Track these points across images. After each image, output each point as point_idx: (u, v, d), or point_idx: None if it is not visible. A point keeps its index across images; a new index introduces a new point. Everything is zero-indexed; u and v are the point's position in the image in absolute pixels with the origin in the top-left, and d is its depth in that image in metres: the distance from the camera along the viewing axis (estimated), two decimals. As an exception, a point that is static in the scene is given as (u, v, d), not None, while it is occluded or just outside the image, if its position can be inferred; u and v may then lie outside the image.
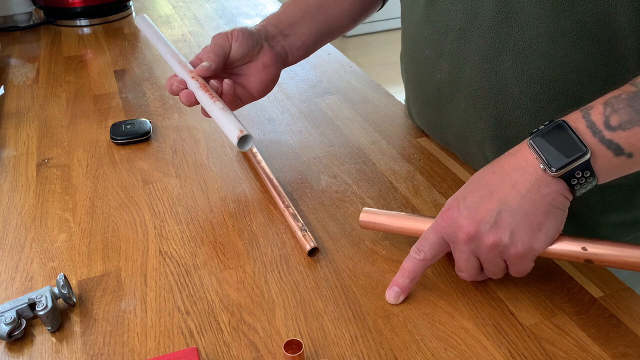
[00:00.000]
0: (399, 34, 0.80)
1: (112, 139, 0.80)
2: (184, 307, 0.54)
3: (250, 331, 0.52)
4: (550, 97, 0.59)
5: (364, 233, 0.63)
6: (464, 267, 0.52)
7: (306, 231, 0.61)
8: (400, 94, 0.91)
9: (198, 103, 0.66)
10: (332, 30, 0.76)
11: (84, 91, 0.96)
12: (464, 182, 0.71)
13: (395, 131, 0.82)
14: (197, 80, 0.66)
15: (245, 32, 0.68)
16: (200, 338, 0.51)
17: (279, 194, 0.67)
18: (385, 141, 0.80)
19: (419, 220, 0.57)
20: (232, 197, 0.69)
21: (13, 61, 1.10)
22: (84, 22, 1.27)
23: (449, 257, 0.59)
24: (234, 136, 0.60)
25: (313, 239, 0.60)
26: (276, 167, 0.74)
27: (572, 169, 0.47)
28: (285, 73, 1.00)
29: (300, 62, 0.76)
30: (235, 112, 0.69)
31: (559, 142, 0.47)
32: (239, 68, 0.70)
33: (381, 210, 0.60)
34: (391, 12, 0.80)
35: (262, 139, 0.80)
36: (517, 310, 0.53)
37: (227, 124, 0.62)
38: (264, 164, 0.73)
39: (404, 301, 0.54)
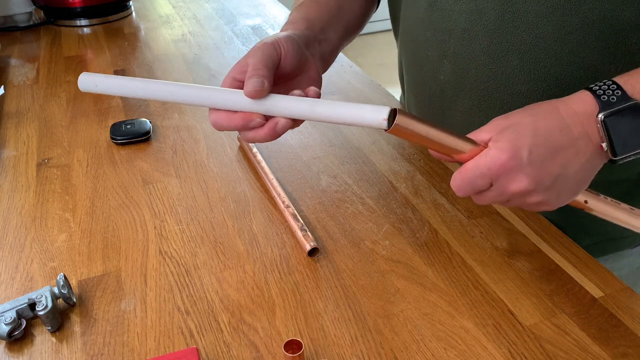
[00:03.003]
0: (398, 35, 0.80)
1: (112, 139, 0.80)
2: (184, 307, 0.54)
3: (250, 331, 0.52)
4: (557, 95, 0.59)
5: (364, 233, 0.63)
6: (489, 202, 0.50)
7: (306, 231, 0.61)
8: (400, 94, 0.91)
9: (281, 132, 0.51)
10: (349, 34, 0.71)
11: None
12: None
13: (395, 131, 0.82)
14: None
15: (293, 41, 0.55)
16: (200, 338, 0.51)
17: (279, 194, 0.67)
18: (385, 141, 0.80)
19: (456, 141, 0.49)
20: (232, 197, 0.69)
21: (13, 61, 1.10)
22: (84, 22, 1.27)
23: (448, 256, 0.59)
24: (380, 118, 0.48)
25: (313, 239, 0.60)
26: (276, 167, 0.74)
27: (630, 156, 0.47)
28: (285, 73, 1.00)
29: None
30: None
31: (630, 128, 0.46)
32: (285, 84, 0.57)
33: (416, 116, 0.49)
34: (391, 12, 0.80)
35: (262, 139, 0.80)
36: (517, 310, 0.53)
37: (364, 110, 0.49)
38: (264, 164, 0.73)
39: (404, 301, 0.54)
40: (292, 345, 0.48)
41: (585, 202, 0.52)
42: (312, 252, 0.60)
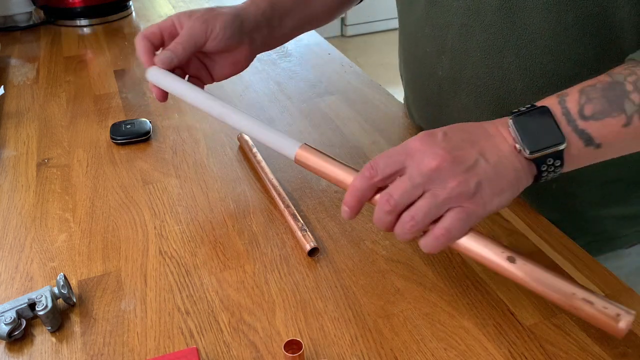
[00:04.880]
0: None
1: (112, 139, 0.80)
2: (184, 307, 0.54)
3: (250, 331, 0.52)
4: (552, 91, 0.59)
5: (364, 233, 0.63)
6: (396, 199, 0.46)
7: (306, 231, 0.61)
8: (400, 94, 0.91)
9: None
10: (310, 24, 0.74)
11: (84, 91, 0.96)
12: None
13: (395, 131, 0.82)
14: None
15: (229, 28, 0.62)
16: (200, 338, 0.51)
17: (279, 194, 0.67)
18: (385, 141, 0.80)
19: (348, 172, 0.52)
20: (232, 197, 0.69)
21: (13, 61, 1.10)
22: (84, 22, 1.27)
23: (447, 256, 0.59)
24: (296, 148, 0.55)
25: (313, 239, 0.60)
26: (276, 167, 0.74)
27: (545, 155, 0.46)
28: (285, 73, 1.00)
29: (301, 62, 0.76)
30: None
31: (539, 127, 0.47)
32: (205, 57, 0.66)
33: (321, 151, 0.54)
34: (391, 12, 0.80)
35: (262, 139, 0.80)
36: (517, 310, 0.53)
37: (284, 140, 0.56)
38: (264, 164, 0.73)
39: (404, 301, 0.54)
40: (292, 345, 0.48)
41: (510, 259, 0.46)
42: (312, 252, 0.60)
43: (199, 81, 0.67)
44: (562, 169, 0.48)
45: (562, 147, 0.46)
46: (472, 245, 0.47)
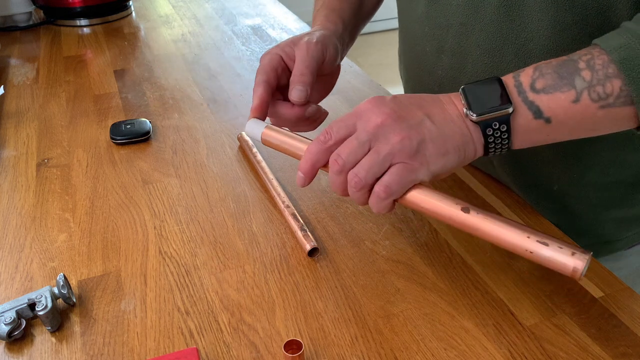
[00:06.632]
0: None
1: (112, 139, 0.80)
2: (184, 307, 0.54)
3: (250, 331, 0.52)
4: None
5: (364, 233, 0.63)
6: (344, 158, 0.47)
7: (306, 231, 0.61)
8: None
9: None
10: (360, 28, 0.74)
11: (84, 91, 0.96)
12: (464, 182, 0.71)
13: (395, 131, 0.82)
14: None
15: (335, 47, 0.60)
16: (200, 338, 0.51)
17: (279, 194, 0.67)
18: (385, 141, 0.80)
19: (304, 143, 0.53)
20: (232, 197, 0.69)
21: (13, 61, 1.10)
22: (83, 22, 1.27)
23: (448, 256, 0.59)
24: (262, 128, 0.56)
25: (313, 239, 0.60)
26: (276, 167, 0.74)
27: (491, 119, 0.47)
28: (285, 73, 1.00)
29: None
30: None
31: (487, 92, 0.48)
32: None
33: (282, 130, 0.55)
34: (391, 12, 0.81)
35: (262, 139, 0.80)
36: (517, 311, 0.53)
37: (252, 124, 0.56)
38: (264, 164, 0.73)
39: (404, 301, 0.54)
40: (292, 345, 0.48)
41: (465, 209, 0.47)
42: (312, 252, 0.60)
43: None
44: (509, 140, 0.48)
45: (507, 110, 0.47)
46: (427, 199, 0.48)
